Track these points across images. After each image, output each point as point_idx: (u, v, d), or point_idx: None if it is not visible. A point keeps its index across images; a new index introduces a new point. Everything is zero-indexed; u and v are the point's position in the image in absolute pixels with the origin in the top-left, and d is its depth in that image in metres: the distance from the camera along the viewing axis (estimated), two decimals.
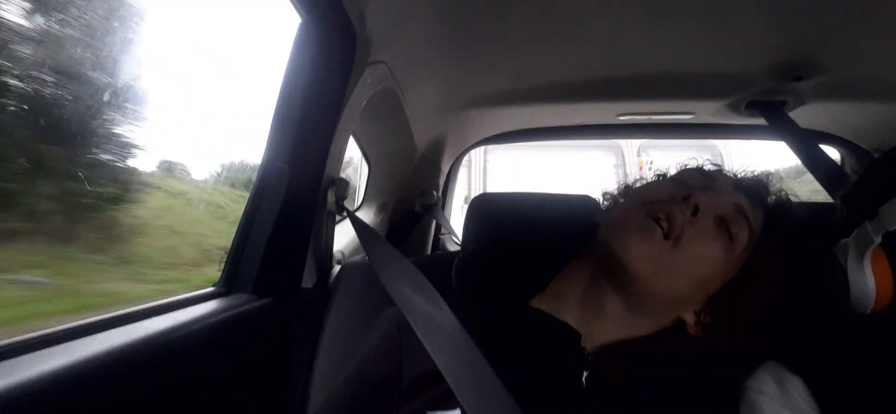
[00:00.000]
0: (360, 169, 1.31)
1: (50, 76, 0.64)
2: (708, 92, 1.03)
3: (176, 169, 1.07)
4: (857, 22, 0.73)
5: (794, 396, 0.43)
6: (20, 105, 0.63)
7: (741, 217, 0.49)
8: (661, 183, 0.56)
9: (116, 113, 0.76)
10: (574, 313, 0.50)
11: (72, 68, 0.68)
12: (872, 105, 1.03)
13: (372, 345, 0.54)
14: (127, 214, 0.86)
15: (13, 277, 0.65)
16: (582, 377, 0.47)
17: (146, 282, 0.88)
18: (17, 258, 0.67)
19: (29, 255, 0.68)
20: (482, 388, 0.44)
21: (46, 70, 0.64)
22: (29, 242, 0.69)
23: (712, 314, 0.49)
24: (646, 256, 0.46)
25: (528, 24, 0.79)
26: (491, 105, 1.16)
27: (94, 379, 0.42)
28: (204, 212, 1.14)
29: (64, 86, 0.67)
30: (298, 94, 0.72)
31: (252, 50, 1.07)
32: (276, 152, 0.73)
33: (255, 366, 0.68)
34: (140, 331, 0.49)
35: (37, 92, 0.64)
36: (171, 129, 0.92)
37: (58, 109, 0.68)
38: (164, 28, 0.83)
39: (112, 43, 0.75)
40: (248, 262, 0.71)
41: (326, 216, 0.82)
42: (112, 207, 0.82)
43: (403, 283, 0.57)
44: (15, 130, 0.64)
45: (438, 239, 1.59)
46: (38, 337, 0.44)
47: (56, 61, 0.64)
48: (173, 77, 0.89)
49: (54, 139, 0.69)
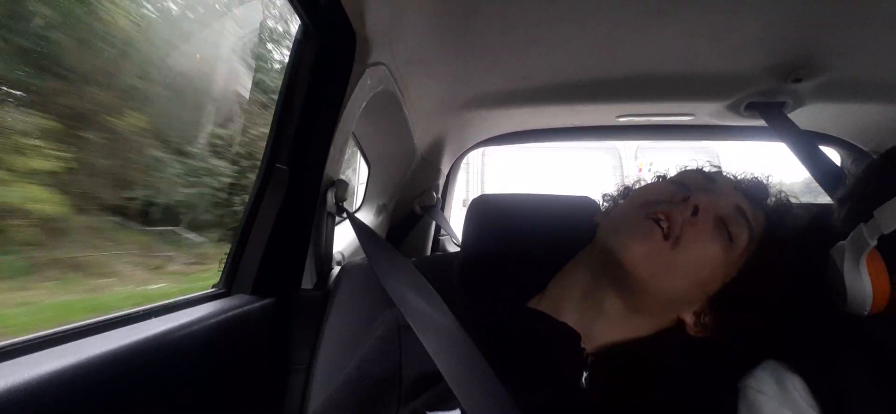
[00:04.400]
0: (359, 170, 1.32)
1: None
2: (707, 93, 1.03)
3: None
4: (857, 22, 0.73)
5: (794, 395, 0.43)
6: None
7: (741, 218, 0.49)
8: (661, 184, 0.56)
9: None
10: (573, 314, 0.50)
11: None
12: (872, 106, 1.03)
13: (372, 345, 0.54)
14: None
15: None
16: (581, 378, 0.47)
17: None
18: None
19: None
20: (482, 388, 0.44)
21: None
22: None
23: (712, 315, 0.49)
24: (645, 257, 0.46)
25: (528, 25, 0.79)
26: (490, 106, 1.16)
27: (95, 380, 0.42)
28: None
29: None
30: (298, 95, 0.72)
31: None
32: (277, 153, 0.73)
33: (255, 366, 0.68)
34: (140, 332, 0.49)
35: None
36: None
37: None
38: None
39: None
40: (248, 262, 0.71)
41: (326, 217, 0.82)
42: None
43: (403, 283, 0.57)
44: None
45: (438, 240, 1.59)
46: (38, 337, 0.44)
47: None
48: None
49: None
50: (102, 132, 0.84)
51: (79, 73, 0.78)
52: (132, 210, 0.99)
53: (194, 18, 1.00)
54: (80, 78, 0.78)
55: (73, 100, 0.78)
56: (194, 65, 1.00)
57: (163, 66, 0.93)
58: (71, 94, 0.77)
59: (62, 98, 0.76)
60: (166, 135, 1.00)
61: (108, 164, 0.88)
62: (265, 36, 1.06)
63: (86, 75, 0.79)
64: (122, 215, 0.97)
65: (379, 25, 0.71)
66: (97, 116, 0.83)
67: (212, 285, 0.72)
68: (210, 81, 1.07)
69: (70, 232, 0.85)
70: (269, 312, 0.71)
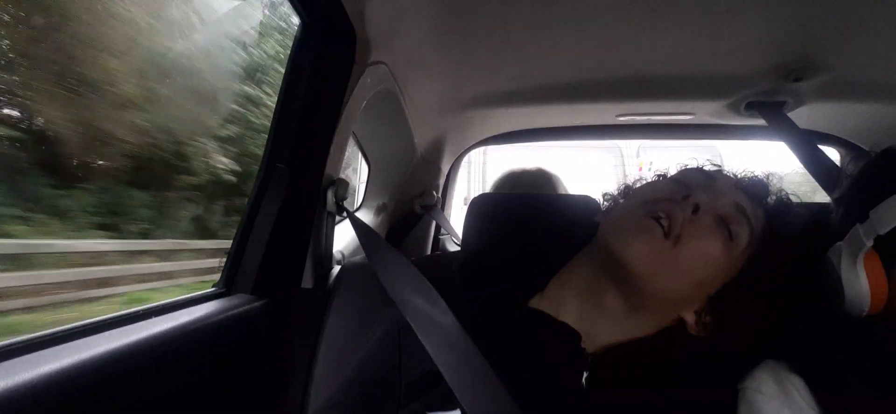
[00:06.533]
0: (359, 169, 1.32)
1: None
2: (707, 92, 1.03)
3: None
4: (856, 22, 0.73)
5: (794, 395, 0.43)
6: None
7: (741, 216, 0.49)
8: (662, 182, 0.56)
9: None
10: (574, 313, 0.50)
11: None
12: (872, 106, 1.03)
13: (372, 345, 0.54)
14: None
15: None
16: (582, 378, 0.47)
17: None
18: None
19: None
20: (482, 388, 0.44)
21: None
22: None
23: (713, 314, 0.49)
24: (646, 255, 0.46)
25: (529, 25, 0.79)
26: (491, 105, 1.16)
27: (95, 380, 0.42)
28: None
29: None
30: (298, 94, 0.72)
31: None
32: (277, 152, 0.73)
33: (255, 366, 0.68)
34: (140, 332, 0.49)
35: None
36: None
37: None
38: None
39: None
40: (248, 262, 0.71)
41: (326, 216, 0.82)
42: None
43: (403, 283, 0.57)
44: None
45: (438, 239, 1.58)
46: (38, 337, 0.44)
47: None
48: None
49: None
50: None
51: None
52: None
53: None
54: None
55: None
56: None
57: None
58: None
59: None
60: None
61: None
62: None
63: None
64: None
65: (379, 25, 0.71)
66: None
67: (211, 285, 0.72)
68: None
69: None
70: (269, 312, 0.70)
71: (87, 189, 0.94)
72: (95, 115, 0.87)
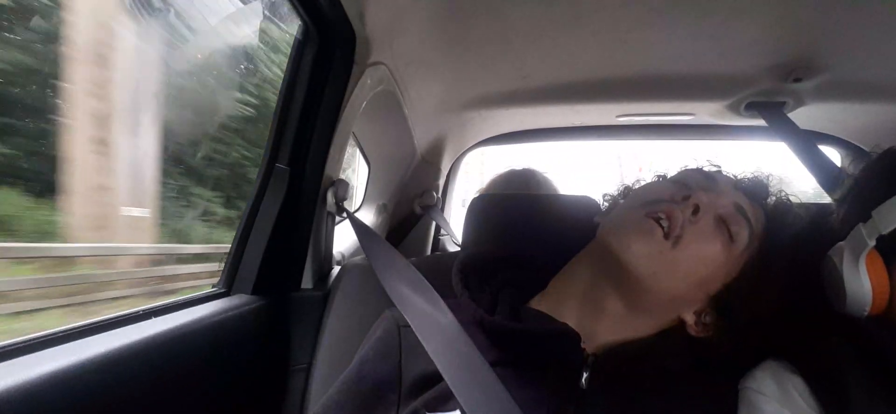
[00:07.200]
0: (359, 170, 1.32)
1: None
2: (707, 93, 1.03)
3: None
4: (856, 22, 0.73)
5: (794, 395, 0.43)
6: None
7: (741, 217, 0.49)
8: (661, 183, 0.56)
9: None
10: (574, 314, 0.50)
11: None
12: (872, 106, 1.03)
13: (371, 345, 0.54)
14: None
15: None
16: (582, 378, 0.46)
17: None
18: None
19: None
20: (482, 388, 0.44)
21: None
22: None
23: (713, 314, 0.49)
24: (646, 256, 0.46)
25: (528, 25, 0.79)
26: (490, 106, 1.16)
27: (95, 380, 0.42)
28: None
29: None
30: (299, 95, 0.72)
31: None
32: (277, 153, 0.73)
33: (255, 366, 0.68)
34: (140, 332, 0.49)
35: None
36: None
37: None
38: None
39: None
40: (248, 262, 0.71)
41: (326, 217, 0.82)
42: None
43: (403, 283, 0.57)
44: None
45: (438, 240, 1.58)
46: (38, 337, 0.44)
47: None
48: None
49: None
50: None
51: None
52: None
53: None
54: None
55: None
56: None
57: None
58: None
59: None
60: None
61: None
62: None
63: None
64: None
65: (379, 25, 0.71)
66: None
67: (212, 285, 0.72)
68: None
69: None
70: (270, 312, 0.71)
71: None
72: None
